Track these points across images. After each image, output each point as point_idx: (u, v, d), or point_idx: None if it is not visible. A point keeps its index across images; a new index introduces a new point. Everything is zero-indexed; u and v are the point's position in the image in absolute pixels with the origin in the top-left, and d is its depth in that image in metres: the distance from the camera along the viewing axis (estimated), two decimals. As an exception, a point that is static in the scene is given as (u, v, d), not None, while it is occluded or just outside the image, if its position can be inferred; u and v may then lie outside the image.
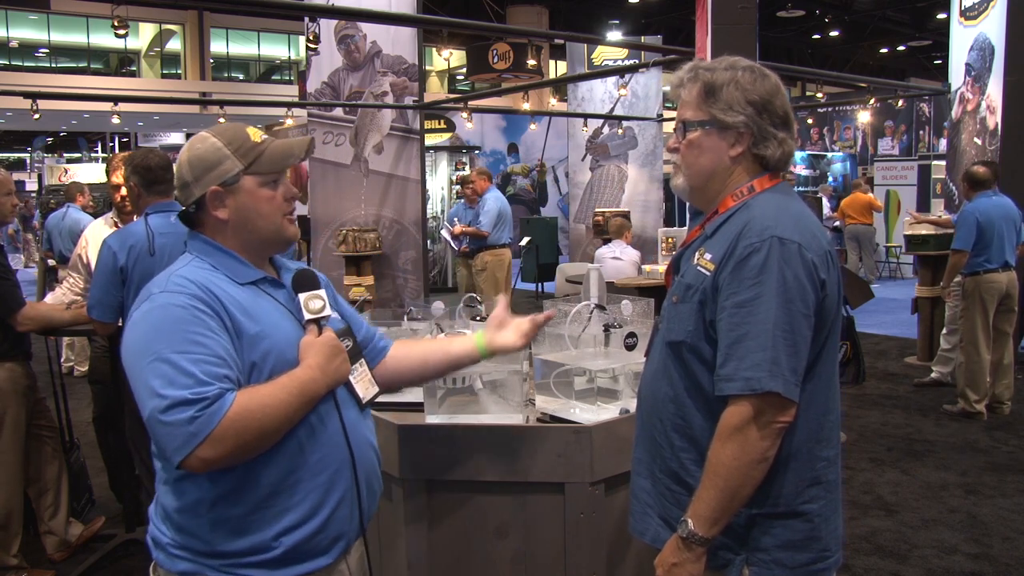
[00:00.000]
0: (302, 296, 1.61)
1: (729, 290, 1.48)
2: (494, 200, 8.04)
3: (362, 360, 1.71)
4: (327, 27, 7.79)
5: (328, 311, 1.62)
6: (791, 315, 1.44)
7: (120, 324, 3.14)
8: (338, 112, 8.06)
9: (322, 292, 1.63)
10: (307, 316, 1.59)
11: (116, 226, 3.85)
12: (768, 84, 1.58)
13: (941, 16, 20.32)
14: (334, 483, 1.56)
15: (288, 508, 1.51)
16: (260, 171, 1.59)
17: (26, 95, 6.85)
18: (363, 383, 1.69)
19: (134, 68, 27.20)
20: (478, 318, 2.62)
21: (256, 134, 1.62)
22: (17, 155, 31.72)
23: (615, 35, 19.25)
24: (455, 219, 8.46)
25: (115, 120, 8.26)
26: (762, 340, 1.43)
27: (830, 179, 17.21)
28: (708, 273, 1.52)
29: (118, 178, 3.69)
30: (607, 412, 2.32)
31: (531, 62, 11.17)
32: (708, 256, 1.54)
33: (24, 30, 25.11)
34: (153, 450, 1.52)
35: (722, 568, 1.55)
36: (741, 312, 1.46)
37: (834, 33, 25.85)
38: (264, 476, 1.49)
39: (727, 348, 1.47)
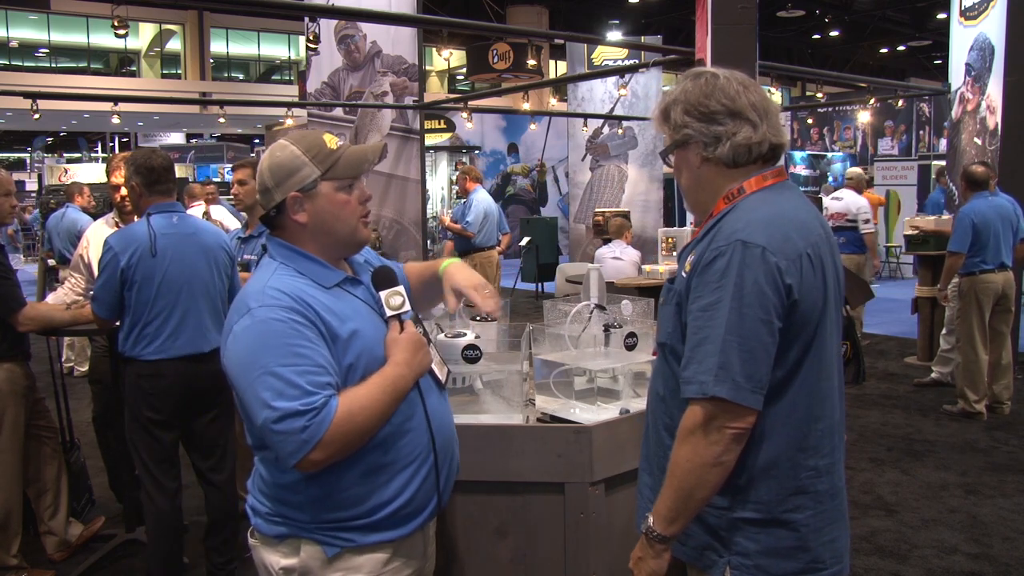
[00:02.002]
0: (383, 293, 1.70)
1: (695, 294, 1.50)
2: (479, 201, 7.70)
3: (432, 344, 1.81)
4: (327, 27, 7.80)
5: (407, 307, 1.71)
6: (745, 320, 1.43)
7: (118, 323, 3.14)
8: (338, 112, 8.07)
9: (401, 288, 1.72)
10: (389, 312, 1.69)
11: (117, 226, 3.84)
12: (699, 85, 1.57)
13: (941, 16, 20.33)
14: (420, 466, 1.68)
15: (377, 487, 1.63)
16: (336, 176, 1.66)
17: (26, 95, 6.85)
18: (438, 366, 1.79)
19: (134, 68, 27.20)
20: (478, 318, 2.61)
21: (332, 141, 1.69)
22: (17, 155, 31.73)
23: (615, 35, 19.26)
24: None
25: (115, 120, 8.27)
26: (716, 345, 1.44)
27: (830, 179, 17.21)
28: (685, 276, 1.55)
29: (118, 178, 3.68)
30: (607, 412, 2.32)
31: (531, 62, 11.18)
32: (691, 259, 1.56)
33: (24, 30, 25.11)
34: (249, 433, 1.64)
35: (708, 568, 1.57)
36: (703, 316, 1.47)
37: (834, 33, 25.85)
38: (357, 462, 1.60)
39: (689, 351, 1.48)
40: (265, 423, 1.50)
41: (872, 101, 10.10)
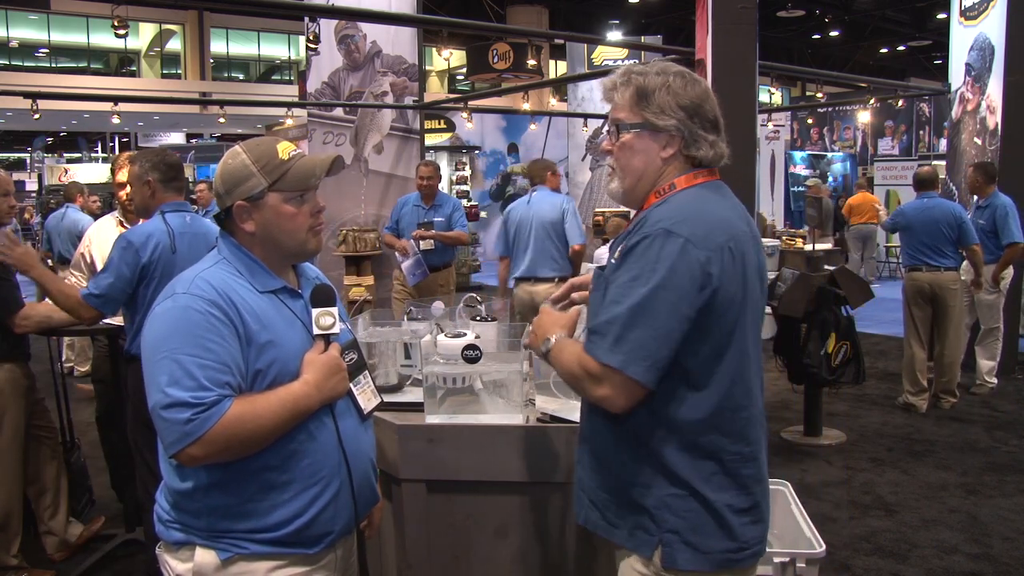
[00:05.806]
0: (315, 311, 1.70)
1: (617, 274, 1.55)
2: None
3: (366, 372, 1.80)
4: (327, 27, 7.79)
5: (337, 329, 1.70)
6: (656, 300, 1.49)
7: (107, 322, 3.14)
8: (338, 112, 8.06)
9: (334, 310, 1.71)
10: (316, 331, 1.68)
11: (121, 224, 3.85)
12: (698, 89, 1.63)
13: (941, 16, 20.32)
14: (325, 488, 1.66)
15: (278, 504, 1.62)
16: (284, 188, 1.67)
17: (26, 95, 6.84)
18: (366, 395, 1.78)
19: (134, 68, 27.19)
20: (478, 318, 2.61)
21: (285, 151, 1.69)
22: (17, 155, 31.71)
23: (615, 35, 19.24)
24: (413, 227, 6.21)
25: (115, 120, 8.26)
26: (623, 318, 1.50)
27: (830, 179, 17.20)
28: (614, 263, 1.59)
29: (123, 176, 3.68)
30: (607, 412, 2.32)
31: (531, 62, 11.19)
32: (619, 248, 1.60)
33: (24, 30, 25.10)
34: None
35: (639, 548, 1.60)
36: (617, 292, 1.53)
37: (834, 33, 25.85)
38: (257, 474, 1.60)
39: (595, 320, 1.56)
40: (155, 407, 1.52)
41: (872, 101, 10.07)
